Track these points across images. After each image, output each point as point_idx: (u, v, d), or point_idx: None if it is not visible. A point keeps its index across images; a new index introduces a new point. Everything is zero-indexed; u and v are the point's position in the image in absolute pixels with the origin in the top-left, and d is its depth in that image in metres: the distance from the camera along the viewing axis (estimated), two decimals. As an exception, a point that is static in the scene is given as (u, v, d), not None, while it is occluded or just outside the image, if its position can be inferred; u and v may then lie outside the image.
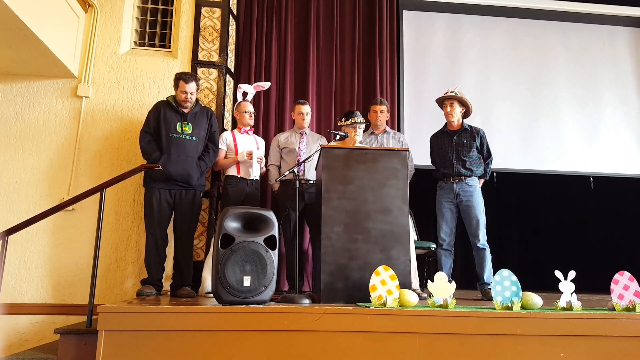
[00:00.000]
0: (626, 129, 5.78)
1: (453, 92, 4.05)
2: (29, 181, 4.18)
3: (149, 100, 4.34)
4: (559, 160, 5.62)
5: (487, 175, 4.06)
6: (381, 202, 3.10)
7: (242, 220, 2.71)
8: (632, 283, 2.64)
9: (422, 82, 5.62)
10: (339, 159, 3.14)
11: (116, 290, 4.08)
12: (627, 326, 2.47)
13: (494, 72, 5.76)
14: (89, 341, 2.62)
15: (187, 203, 3.75)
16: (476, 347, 2.41)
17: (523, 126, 5.67)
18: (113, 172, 4.15)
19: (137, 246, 4.14)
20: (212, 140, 3.94)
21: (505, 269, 2.68)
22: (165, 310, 2.44)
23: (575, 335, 2.45)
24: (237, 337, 2.38)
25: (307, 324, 2.41)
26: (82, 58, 4.41)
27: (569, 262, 3.46)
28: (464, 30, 5.84)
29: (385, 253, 3.02)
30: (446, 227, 3.95)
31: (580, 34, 5.99)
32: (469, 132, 4.02)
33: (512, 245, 6.04)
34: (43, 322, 3.93)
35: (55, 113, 4.32)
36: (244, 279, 2.58)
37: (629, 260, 5.20)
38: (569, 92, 5.79)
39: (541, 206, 6.01)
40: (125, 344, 2.34)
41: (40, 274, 4.04)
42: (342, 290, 2.93)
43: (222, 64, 4.57)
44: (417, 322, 2.43)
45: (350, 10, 5.39)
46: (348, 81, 5.22)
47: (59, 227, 4.12)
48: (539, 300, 2.64)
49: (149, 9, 4.78)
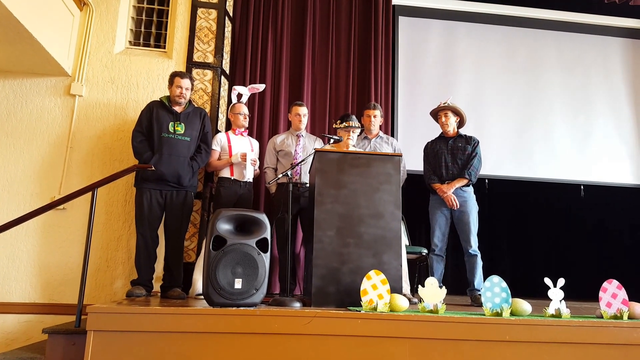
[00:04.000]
0: (617, 138, 5.84)
1: (446, 103, 4.10)
2: (20, 179, 4.15)
3: (143, 100, 4.32)
4: (550, 168, 5.66)
5: (471, 176, 3.94)
6: (374, 206, 3.10)
7: (234, 223, 2.71)
8: (620, 291, 2.66)
9: (416, 87, 5.65)
10: (333, 163, 3.15)
11: (106, 290, 4.05)
12: (615, 334, 2.49)
13: (488, 80, 5.79)
14: (77, 341, 2.60)
15: (178, 204, 3.74)
16: (466, 353, 2.42)
17: (515, 134, 5.71)
18: (105, 171, 4.13)
19: (128, 246, 4.12)
20: (204, 141, 3.93)
21: (495, 276, 2.70)
22: (155, 312, 2.43)
23: (564, 343, 2.47)
24: (227, 339, 2.38)
25: (297, 328, 2.40)
26: (76, 56, 4.39)
27: (559, 269, 3.48)
28: (459, 37, 5.87)
29: (377, 257, 3.03)
30: (439, 233, 3.96)
31: (574, 44, 6.04)
32: (464, 138, 4.07)
33: (503, 251, 6.07)
34: (31, 322, 3.90)
35: (48, 111, 4.29)
36: (235, 281, 2.57)
37: (618, 269, 5.25)
38: (561, 101, 5.84)
39: (532, 213, 6.05)
40: (114, 344, 2.32)
41: (29, 273, 4.00)
42: (333, 294, 2.93)
43: (217, 65, 4.56)
44: (407, 327, 2.43)
45: (346, 14, 5.40)
46: (343, 85, 5.24)
47: (49, 226, 4.09)
48: (528, 307, 2.66)
49: (144, 8, 4.76)
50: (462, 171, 3.96)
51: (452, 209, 3.91)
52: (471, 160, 3.97)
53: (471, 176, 3.94)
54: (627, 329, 2.50)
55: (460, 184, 3.92)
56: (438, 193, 3.95)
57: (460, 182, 3.92)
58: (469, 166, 3.95)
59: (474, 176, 3.97)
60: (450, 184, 3.93)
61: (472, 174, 3.95)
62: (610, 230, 5.91)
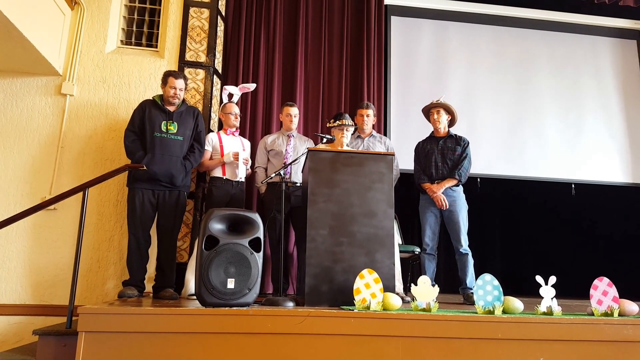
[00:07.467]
0: (607, 137, 5.88)
1: (438, 101, 4.13)
2: (10, 179, 4.11)
3: (135, 99, 4.30)
4: (541, 166, 5.69)
5: (461, 177, 3.94)
6: (367, 205, 3.11)
7: (227, 222, 2.70)
8: (611, 289, 2.68)
9: (408, 87, 5.66)
10: (326, 162, 3.15)
11: (97, 291, 4.03)
12: (606, 331, 2.51)
13: (479, 79, 5.82)
14: (68, 343, 2.59)
15: (170, 204, 3.72)
16: (458, 351, 2.43)
17: (507, 133, 5.74)
18: (96, 171, 4.10)
19: (120, 247, 4.10)
20: (198, 140, 3.91)
21: (487, 274, 2.71)
22: (147, 312, 2.42)
23: (555, 340, 2.48)
24: (220, 339, 2.37)
25: (290, 327, 2.40)
26: (67, 56, 4.35)
27: (550, 267, 3.50)
28: (450, 37, 5.90)
29: (369, 256, 3.03)
30: (430, 232, 3.98)
31: (564, 43, 6.09)
32: (454, 139, 4.09)
33: (495, 250, 6.12)
34: (21, 323, 3.86)
35: (39, 110, 4.25)
36: (227, 281, 2.57)
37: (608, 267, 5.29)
38: (552, 100, 5.88)
39: (523, 212, 6.09)
40: (106, 345, 2.31)
41: (19, 274, 3.97)
42: (326, 293, 2.93)
43: (210, 64, 4.55)
44: (400, 326, 2.44)
45: (339, 14, 5.41)
46: (336, 85, 5.24)
47: (40, 227, 4.05)
48: (520, 304, 2.68)
49: (136, 7, 4.74)
50: (452, 171, 3.98)
51: (442, 209, 3.93)
52: (461, 161, 3.99)
53: (461, 176, 3.96)
54: (618, 326, 2.52)
55: (449, 184, 3.93)
56: (428, 193, 3.97)
57: (450, 182, 3.94)
58: (459, 167, 3.97)
59: (464, 176, 3.99)
60: (440, 183, 3.95)
61: (462, 174, 3.97)
62: (601, 228, 5.96)
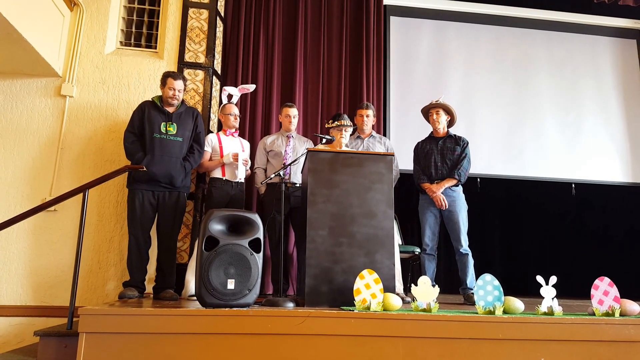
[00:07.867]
0: (606, 136, 5.88)
1: (437, 101, 4.12)
2: (10, 181, 4.11)
3: (134, 100, 4.30)
4: (541, 166, 5.69)
5: (460, 177, 3.94)
6: (366, 206, 3.11)
7: (226, 223, 2.70)
8: (612, 289, 2.68)
9: (408, 87, 5.66)
10: (325, 163, 3.14)
11: (98, 292, 4.03)
12: (607, 331, 2.51)
13: (479, 79, 5.82)
14: (69, 344, 2.59)
15: (170, 205, 3.72)
16: (459, 351, 2.43)
17: (506, 133, 5.74)
18: (96, 172, 4.10)
19: (120, 248, 4.10)
20: (197, 141, 3.91)
21: (487, 274, 2.71)
22: (147, 313, 2.42)
23: (556, 340, 2.48)
24: (220, 340, 2.37)
25: (290, 328, 2.40)
26: (67, 57, 4.35)
27: (551, 267, 3.50)
28: (450, 37, 5.90)
29: (369, 257, 3.03)
30: (429, 232, 3.98)
31: (564, 43, 6.09)
32: (454, 139, 4.09)
33: (495, 250, 6.11)
34: (22, 324, 3.86)
35: (38, 112, 4.25)
36: (227, 281, 2.57)
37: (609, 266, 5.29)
38: (551, 100, 5.88)
39: (523, 212, 6.08)
40: (107, 346, 2.30)
41: (20, 275, 3.97)
42: (326, 294, 2.93)
43: (209, 65, 4.55)
44: (401, 326, 2.44)
45: (338, 14, 5.41)
46: (335, 85, 5.24)
47: (41, 228, 4.05)
48: (520, 305, 2.67)
49: (135, 9, 4.74)
50: (451, 171, 3.97)
51: (441, 209, 3.93)
52: (461, 161, 3.99)
53: (460, 177, 3.95)
54: (619, 326, 2.52)
55: (449, 184, 3.93)
56: (427, 193, 3.97)
57: (450, 182, 3.94)
58: (459, 167, 3.97)
59: (463, 177, 3.98)
60: (439, 183, 3.95)
61: (462, 174, 3.96)
62: (601, 227, 5.95)
